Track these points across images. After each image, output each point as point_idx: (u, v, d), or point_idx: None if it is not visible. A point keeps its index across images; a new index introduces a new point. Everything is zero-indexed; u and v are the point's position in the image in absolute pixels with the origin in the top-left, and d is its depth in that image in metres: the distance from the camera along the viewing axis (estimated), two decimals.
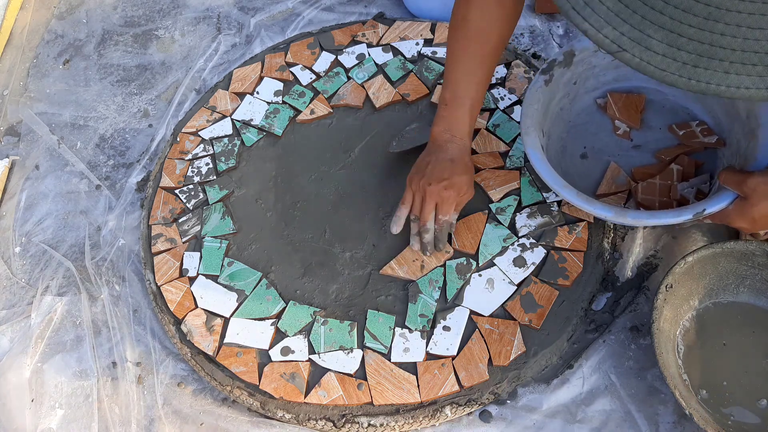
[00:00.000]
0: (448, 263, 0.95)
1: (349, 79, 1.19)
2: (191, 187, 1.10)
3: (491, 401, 0.87)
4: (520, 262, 0.94)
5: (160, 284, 1.00)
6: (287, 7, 1.38)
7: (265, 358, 0.92)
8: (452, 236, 0.97)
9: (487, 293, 0.92)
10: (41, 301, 1.05)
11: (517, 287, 0.92)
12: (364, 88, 1.17)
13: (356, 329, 0.92)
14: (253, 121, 1.17)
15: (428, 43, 1.21)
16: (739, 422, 0.79)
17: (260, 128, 1.16)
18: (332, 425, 0.86)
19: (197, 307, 0.97)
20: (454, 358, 0.88)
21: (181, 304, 0.98)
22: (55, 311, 1.04)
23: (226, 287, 0.99)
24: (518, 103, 1.10)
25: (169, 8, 1.45)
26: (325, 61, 1.22)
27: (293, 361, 0.91)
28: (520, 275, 0.93)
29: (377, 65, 1.20)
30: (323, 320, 0.93)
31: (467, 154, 0.93)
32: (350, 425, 0.86)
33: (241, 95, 1.21)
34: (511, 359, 0.87)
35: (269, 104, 1.18)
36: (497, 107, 1.09)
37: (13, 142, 1.29)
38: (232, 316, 0.96)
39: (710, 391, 0.81)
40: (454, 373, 0.87)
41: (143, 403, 0.94)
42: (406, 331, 0.91)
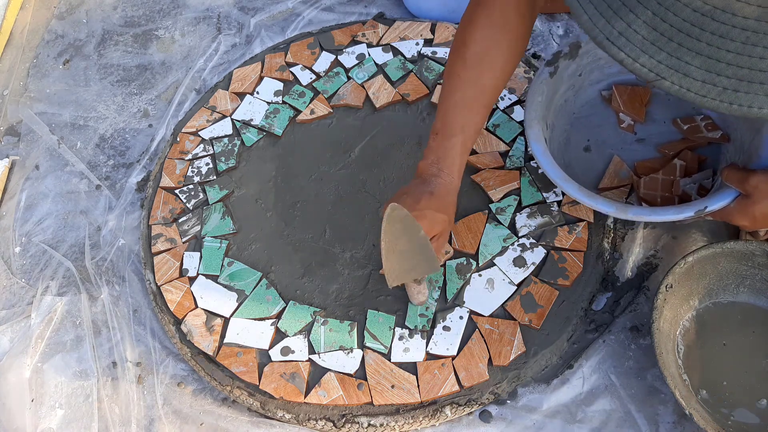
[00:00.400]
0: (448, 263, 0.95)
1: (349, 79, 1.19)
2: (191, 187, 1.10)
3: (491, 401, 0.87)
4: (520, 262, 0.94)
5: (160, 284, 1.00)
6: (287, 7, 1.38)
7: (265, 358, 0.92)
8: (452, 236, 0.97)
9: (487, 293, 0.92)
10: (41, 301, 1.05)
11: (517, 287, 0.92)
12: (364, 88, 1.17)
13: (356, 329, 0.92)
14: (253, 121, 1.17)
15: (428, 43, 1.21)
16: (739, 422, 0.79)
17: (260, 128, 1.16)
18: (332, 425, 0.86)
19: (197, 307, 0.97)
20: (454, 358, 0.88)
21: (181, 304, 0.98)
22: (55, 311, 1.04)
23: (226, 287, 0.99)
24: (518, 103, 1.10)
25: (169, 8, 1.45)
26: (325, 61, 1.22)
27: (293, 361, 0.91)
28: (520, 275, 0.93)
29: (377, 65, 1.20)
30: (323, 320, 0.93)
31: (452, 193, 0.85)
32: (350, 425, 0.86)
33: (241, 95, 1.21)
34: (511, 359, 0.87)
35: (269, 104, 1.18)
36: (497, 107, 1.09)
37: (13, 142, 1.29)
38: (232, 316, 0.96)
39: (710, 391, 0.81)
40: (454, 373, 0.87)
41: (143, 403, 0.94)
42: (406, 331, 0.91)
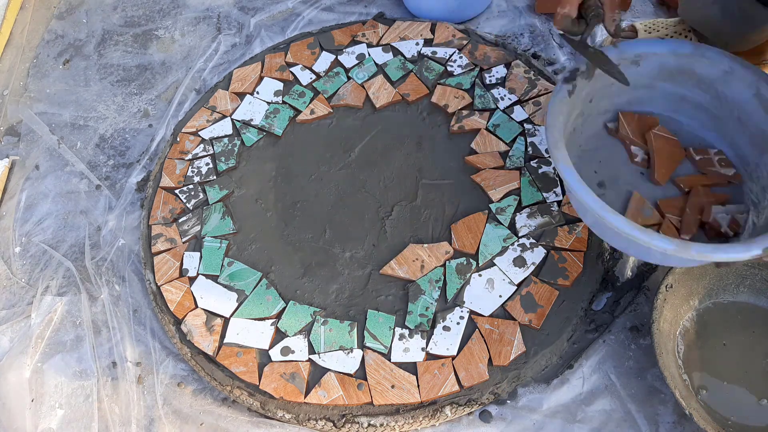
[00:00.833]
0: (448, 263, 0.95)
1: (349, 79, 1.19)
2: (191, 187, 1.10)
3: (491, 401, 0.87)
4: (520, 262, 0.94)
5: (160, 284, 1.00)
6: (287, 7, 1.38)
7: (265, 358, 0.92)
8: (452, 236, 0.97)
9: (487, 293, 0.92)
10: (41, 301, 1.05)
11: (517, 287, 0.92)
12: (364, 88, 1.17)
13: (356, 329, 0.92)
14: (253, 121, 1.17)
15: (428, 43, 1.21)
16: (739, 422, 0.79)
17: (260, 128, 1.16)
18: (332, 425, 0.86)
19: (197, 307, 0.97)
20: (454, 358, 0.88)
21: (181, 304, 0.98)
22: (55, 311, 1.04)
23: (226, 287, 0.99)
24: (518, 103, 1.10)
25: (169, 8, 1.45)
26: (325, 61, 1.22)
27: (293, 361, 0.91)
28: (520, 275, 0.93)
29: (377, 65, 1.20)
30: (323, 320, 0.93)
31: None
32: (350, 425, 0.86)
33: (241, 95, 1.21)
34: (511, 359, 0.87)
35: (269, 104, 1.18)
36: (497, 107, 1.09)
37: (13, 142, 1.29)
38: (232, 316, 0.96)
39: (710, 391, 0.81)
40: (454, 373, 0.87)
41: (143, 403, 0.94)
42: (406, 331, 0.91)
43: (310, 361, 0.91)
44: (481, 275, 0.94)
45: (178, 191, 1.10)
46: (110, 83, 1.35)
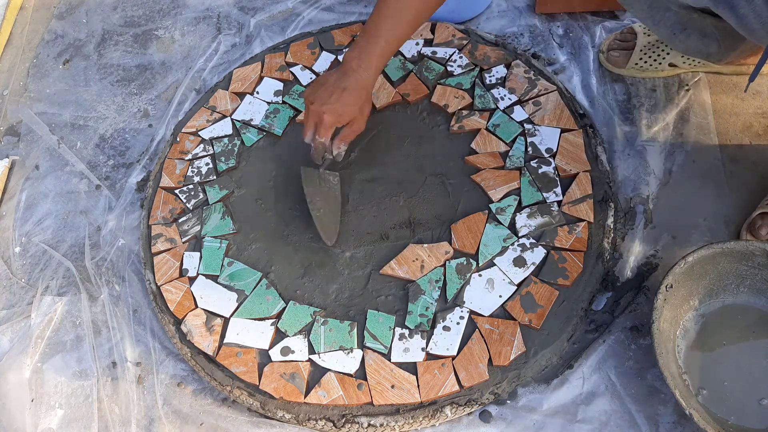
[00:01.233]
0: (448, 263, 0.95)
1: None
2: (191, 187, 1.10)
3: (491, 401, 0.87)
4: (520, 262, 0.94)
5: (160, 284, 1.00)
6: (287, 7, 1.38)
7: (265, 358, 0.92)
8: (452, 236, 0.97)
9: (487, 293, 0.92)
10: (41, 301, 1.05)
11: (517, 287, 0.92)
12: None
13: (356, 329, 0.92)
14: (253, 121, 1.17)
15: (428, 43, 1.21)
16: (738, 423, 0.79)
17: (260, 128, 1.16)
18: (332, 425, 0.86)
19: (197, 307, 0.97)
20: (454, 358, 0.88)
21: (181, 304, 0.98)
22: (55, 311, 1.04)
23: (226, 287, 0.99)
24: (518, 103, 1.10)
25: (169, 8, 1.45)
26: (325, 61, 1.22)
27: (293, 361, 0.91)
28: (520, 275, 0.93)
29: None
30: (323, 320, 0.93)
31: (366, 88, 0.96)
32: (350, 425, 0.86)
33: (241, 95, 1.21)
34: (511, 359, 0.87)
35: (269, 104, 1.18)
36: (497, 107, 1.09)
37: (13, 142, 1.29)
38: (232, 316, 0.96)
39: (710, 391, 0.81)
40: (454, 373, 0.87)
41: (143, 403, 0.94)
42: (406, 331, 0.91)
43: (310, 361, 0.91)
44: (481, 275, 0.94)
45: (178, 191, 1.10)
46: (110, 83, 1.35)
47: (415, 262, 0.96)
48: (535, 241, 0.95)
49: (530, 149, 1.04)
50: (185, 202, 1.09)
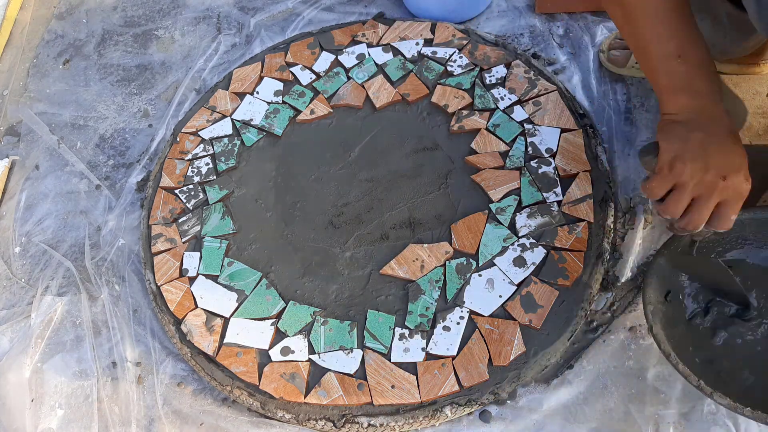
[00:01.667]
0: (448, 263, 0.95)
1: (349, 79, 1.19)
2: (191, 187, 1.10)
3: (491, 401, 0.87)
4: (520, 262, 0.94)
5: (160, 284, 1.00)
6: (287, 7, 1.38)
7: (265, 358, 0.92)
8: (452, 236, 0.97)
9: (487, 293, 0.92)
10: (41, 301, 1.05)
11: (517, 287, 0.92)
12: (364, 88, 1.17)
13: (356, 329, 0.92)
14: (253, 121, 1.17)
15: (428, 43, 1.21)
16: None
17: (260, 128, 1.16)
18: (332, 425, 0.86)
19: (197, 307, 0.97)
20: (454, 358, 0.88)
21: (181, 304, 0.98)
22: (55, 311, 1.04)
23: (226, 287, 0.99)
24: (518, 103, 1.10)
25: (169, 8, 1.45)
26: (325, 61, 1.22)
27: (293, 361, 0.91)
28: (520, 275, 0.93)
29: (377, 65, 1.20)
30: (323, 320, 0.93)
31: (728, 128, 0.72)
32: (350, 425, 0.86)
33: (241, 95, 1.21)
34: (511, 359, 0.87)
35: (269, 104, 1.18)
36: (497, 107, 1.09)
37: (13, 142, 1.29)
38: (232, 316, 0.96)
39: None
40: (454, 373, 0.87)
41: (143, 403, 0.94)
42: (406, 331, 0.91)
43: (310, 361, 0.91)
44: (481, 275, 0.94)
45: (178, 191, 1.10)
46: (110, 83, 1.35)
47: (415, 262, 0.96)
48: (535, 241, 0.95)
49: (530, 149, 1.04)
50: (185, 202, 1.09)
